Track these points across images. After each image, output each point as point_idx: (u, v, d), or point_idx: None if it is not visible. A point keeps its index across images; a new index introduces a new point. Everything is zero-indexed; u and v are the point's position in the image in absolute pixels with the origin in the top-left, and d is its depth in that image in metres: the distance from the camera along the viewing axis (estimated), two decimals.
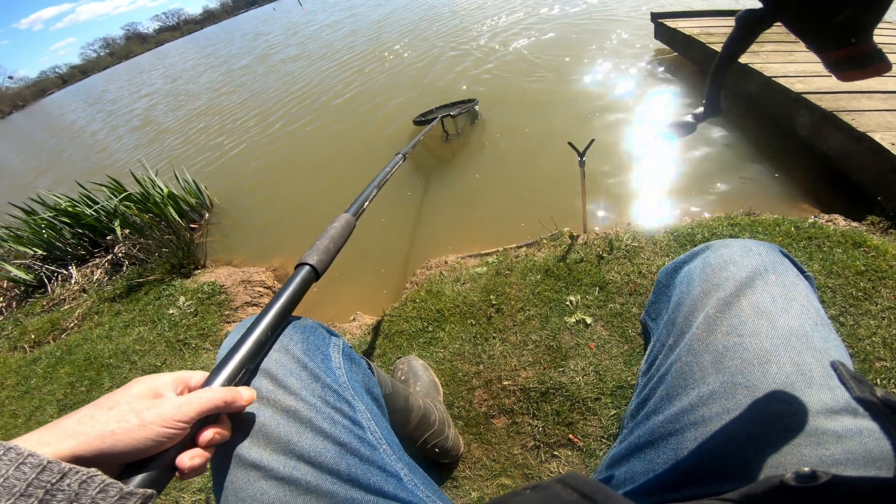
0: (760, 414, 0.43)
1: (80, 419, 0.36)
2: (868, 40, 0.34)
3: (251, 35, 17.86)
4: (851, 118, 1.70)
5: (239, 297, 1.98)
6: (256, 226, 2.87)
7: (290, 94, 5.63)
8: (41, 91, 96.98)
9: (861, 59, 0.35)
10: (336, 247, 0.74)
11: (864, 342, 1.06)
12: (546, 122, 2.89)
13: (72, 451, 0.34)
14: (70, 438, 0.34)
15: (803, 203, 1.76)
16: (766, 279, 0.53)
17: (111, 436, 0.36)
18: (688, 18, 3.33)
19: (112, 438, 0.36)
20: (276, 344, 0.54)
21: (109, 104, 13.03)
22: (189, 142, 5.32)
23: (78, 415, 0.37)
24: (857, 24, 0.33)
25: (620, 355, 1.18)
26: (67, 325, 2.15)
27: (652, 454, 0.50)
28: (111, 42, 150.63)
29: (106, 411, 0.37)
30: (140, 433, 0.37)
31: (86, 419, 0.36)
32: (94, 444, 0.35)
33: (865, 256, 1.26)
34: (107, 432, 0.36)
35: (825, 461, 0.39)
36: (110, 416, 0.37)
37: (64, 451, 0.34)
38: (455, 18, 6.98)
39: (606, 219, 1.92)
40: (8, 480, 0.30)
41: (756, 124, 2.25)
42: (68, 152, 8.24)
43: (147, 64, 31.53)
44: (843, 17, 0.33)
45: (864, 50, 0.35)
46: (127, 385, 0.42)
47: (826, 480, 0.31)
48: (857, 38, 0.34)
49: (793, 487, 0.32)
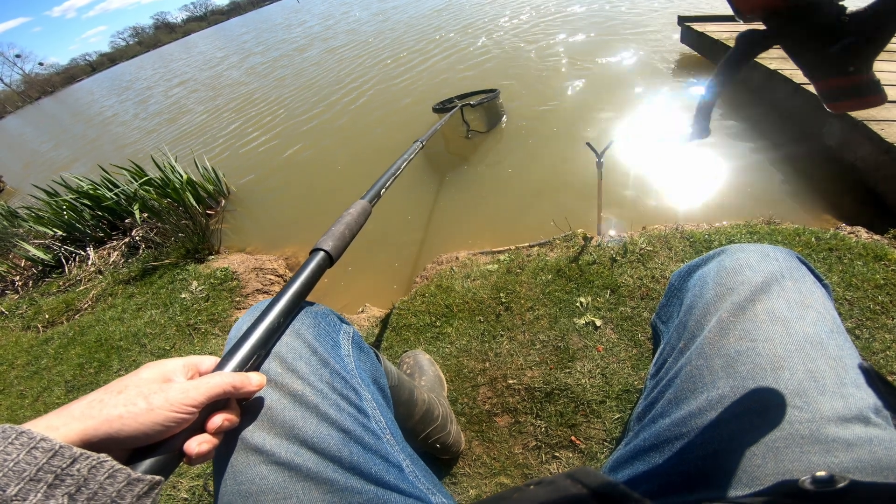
0: (770, 420, 0.42)
1: (88, 403, 0.36)
2: (867, 71, 0.34)
3: (282, 26, 17.98)
4: (881, 128, 1.65)
5: (250, 284, 1.99)
6: (271, 214, 2.90)
7: (316, 86, 5.67)
8: (71, 78, 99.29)
9: (856, 90, 0.35)
10: (351, 233, 0.73)
11: (878, 355, 1.04)
12: (566, 123, 2.86)
13: (80, 436, 0.34)
14: (78, 422, 0.35)
15: (826, 214, 1.71)
16: (783, 285, 0.52)
17: (119, 420, 0.36)
18: (715, 23, 3.27)
19: (120, 422, 0.36)
20: (288, 327, 0.54)
21: (137, 93, 13.26)
22: (210, 130, 5.39)
23: (87, 399, 0.37)
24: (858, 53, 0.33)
25: (628, 359, 1.16)
26: (81, 306, 2.19)
27: (657, 457, 0.49)
28: (140, 31, 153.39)
29: (115, 395, 0.37)
30: (147, 417, 0.37)
31: (94, 403, 0.36)
32: (102, 427, 0.35)
33: (886, 270, 1.22)
34: (114, 416, 0.36)
35: (834, 469, 0.38)
36: (118, 399, 0.37)
37: (73, 435, 0.34)
38: (471, 16, 6.96)
39: (621, 222, 1.90)
40: (19, 464, 0.30)
41: (782, 132, 2.20)
42: (93, 137, 8.42)
43: (175, 53, 32.04)
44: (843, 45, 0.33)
45: (861, 80, 0.34)
46: (137, 370, 0.42)
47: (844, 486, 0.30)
48: (855, 68, 0.34)
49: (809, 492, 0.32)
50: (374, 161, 3.07)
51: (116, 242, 2.67)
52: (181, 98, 8.80)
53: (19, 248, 2.70)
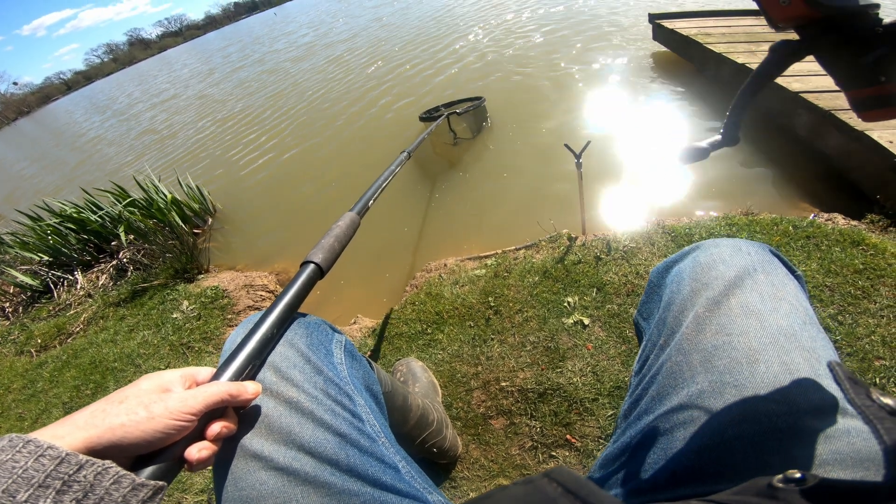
0: (748, 413, 0.43)
1: (91, 413, 0.38)
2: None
3: (268, 39, 17.89)
4: (849, 116, 1.70)
5: (241, 301, 2.00)
6: (259, 231, 2.89)
7: (296, 99, 5.66)
8: (46, 97, 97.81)
9: (887, 100, 0.35)
10: (341, 245, 0.74)
11: (862, 341, 1.06)
12: (545, 126, 2.90)
13: (84, 444, 0.35)
14: (82, 431, 0.36)
15: (803, 202, 1.75)
16: (755, 278, 0.53)
17: (121, 428, 0.37)
18: (685, 19, 3.33)
19: (122, 430, 0.37)
20: (282, 338, 0.55)
21: (116, 112, 13.11)
22: (193, 148, 5.35)
23: (90, 409, 0.38)
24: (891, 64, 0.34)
25: (618, 356, 1.18)
26: (73, 330, 2.17)
27: (643, 454, 0.49)
28: (115, 48, 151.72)
29: (116, 405, 0.39)
30: (148, 425, 0.38)
31: (97, 413, 0.38)
32: (105, 436, 0.36)
33: (864, 255, 1.26)
34: (117, 424, 0.37)
35: (813, 461, 0.38)
36: (120, 409, 0.38)
37: (77, 443, 0.35)
38: (441, 26, 7.00)
39: (604, 220, 1.93)
40: (27, 472, 0.31)
41: (755, 124, 2.25)
42: (74, 159, 8.31)
43: (152, 70, 31.70)
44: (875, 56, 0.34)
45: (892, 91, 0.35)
46: (136, 381, 0.43)
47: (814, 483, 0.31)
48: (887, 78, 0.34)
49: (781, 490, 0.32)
50: (361, 175, 3.08)
51: (104, 265, 2.65)
52: (162, 117, 8.71)
53: (6, 275, 2.67)
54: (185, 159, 4.97)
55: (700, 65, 2.95)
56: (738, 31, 2.94)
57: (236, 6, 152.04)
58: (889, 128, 1.61)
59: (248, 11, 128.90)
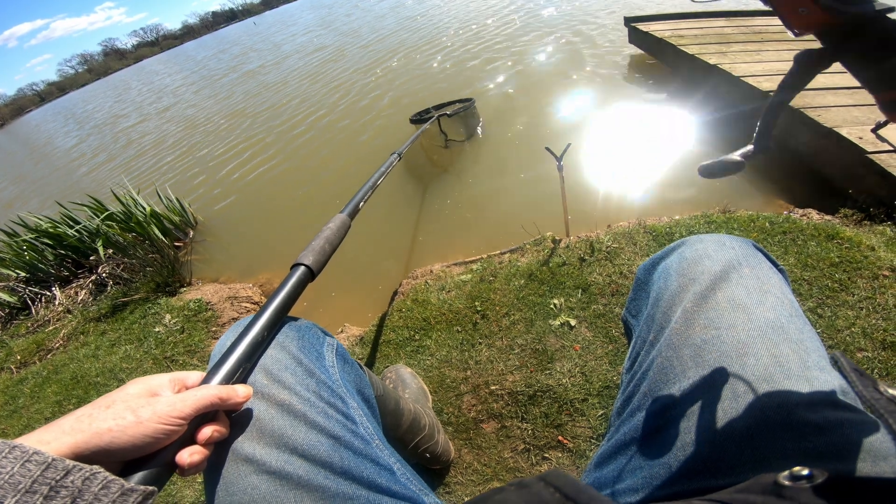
0: (740, 408, 0.43)
1: (77, 418, 0.37)
2: None
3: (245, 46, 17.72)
4: (818, 114, 1.75)
5: (226, 314, 1.97)
6: (242, 243, 2.86)
7: (274, 105, 5.61)
8: (19, 109, 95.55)
9: None
10: (331, 247, 0.73)
11: (843, 333, 1.08)
12: (525, 130, 2.93)
13: (71, 449, 0.35)
14: (68, 436, 0.35)
15: (778, 199, 1.80)
16: (741, 272, 0.54)
17: (108, 433, 0.36)
18: (660, 21, 3.40)
19: (109, 436, 0.36)
20: (272, 341, 0.54)
21: (92, 125, 12.82)
22: (172, 160, 5.27)
23: (76, 414, 0.37)
24: None
25: (605, 355, 1.20)
26: (53, 346, 2.12)
27: (638, 451, 0.50)
28: (89, 58, 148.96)
29: (103, 410, 0.38)
30: (136, 430, 0.37)
31: (83, 418, 0.37)
32: (92, 441, 0.36)
33: (839, 248, 1.29)
34: (104, 429, 0.36)
35: (808, 454, 0.38)
36: (107, 413, 0.38)
37: (64, 448, 0.34)
38: (421, 31, 7.03)
39: (587, 222, 1.95)
40: (14, 477, 0.30)
41: (728, 123, 2.31)
42: (48, 172, 8.12)
43: (127, 81, 31.17)
44: None
45: None
46: (123, 386, 0.42)
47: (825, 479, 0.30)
48: None
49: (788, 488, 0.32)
50: (346, 183, 3.06)
51: (83, 281, 2.59)
52: (140, 128, 8.57)
53: None
54: (164, 172, 4.88)
55: (673, 66, 3.01)
56: (709, 33, 3.00)
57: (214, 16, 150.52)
58: (857, 124, 1.67)
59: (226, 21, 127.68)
